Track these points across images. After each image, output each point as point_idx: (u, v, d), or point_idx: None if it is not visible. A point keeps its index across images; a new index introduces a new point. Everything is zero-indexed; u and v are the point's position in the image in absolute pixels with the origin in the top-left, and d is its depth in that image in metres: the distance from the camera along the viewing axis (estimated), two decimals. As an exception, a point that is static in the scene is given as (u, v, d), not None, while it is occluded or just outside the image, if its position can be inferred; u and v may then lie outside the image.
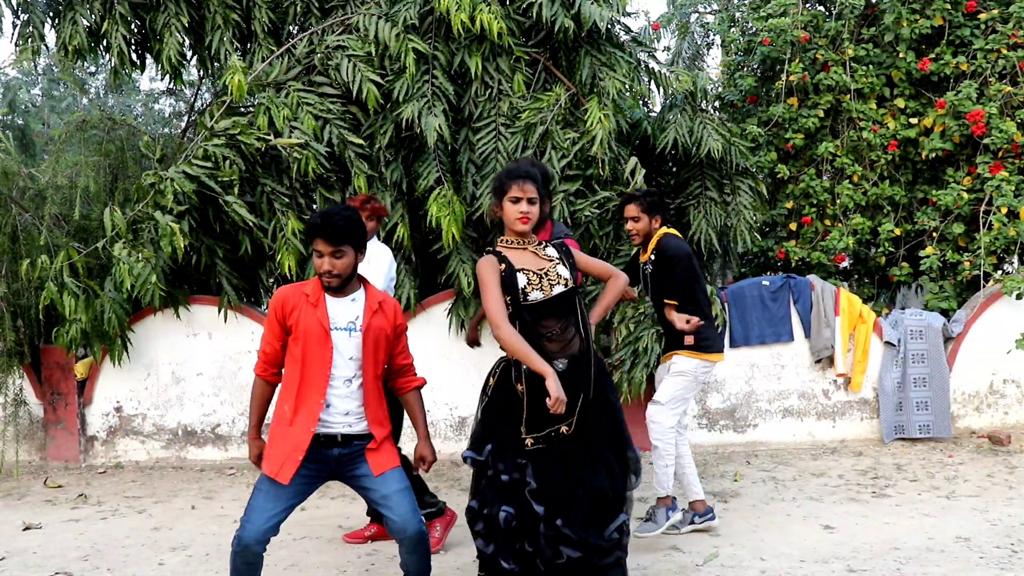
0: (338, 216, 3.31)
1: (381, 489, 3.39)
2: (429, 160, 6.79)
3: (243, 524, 3.26)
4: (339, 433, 3.36)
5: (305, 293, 3.38)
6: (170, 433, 7.01)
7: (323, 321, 3.32)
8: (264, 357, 3.44)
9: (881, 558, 4.35)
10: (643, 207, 4.71)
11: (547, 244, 3.55)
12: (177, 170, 6.30)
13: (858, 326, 7.12)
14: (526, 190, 3.40)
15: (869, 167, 8.41)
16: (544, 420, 3.33)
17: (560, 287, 3.40)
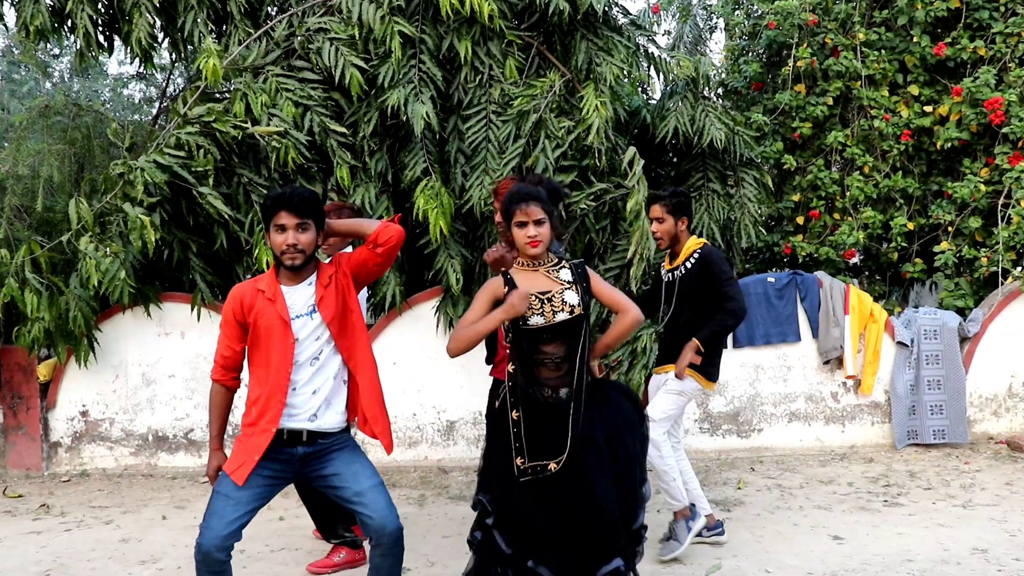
0: (299, 189, 3.38)
1: (353, 486, 3.38)
2: (416, 150, 6.76)
3: (202, 531, 3.25)
4: (304, 429, 3.36)
5: (260, 289, 3.39)
6: (140, 439, 6.98)
7: (283, 314, 3.34)
8: (223, 361, 3.44)
9: (893, 571, 4.34)
10: (669, 208, 4.72)
11: (563, 265, 3.54)
12: (148, 159, 6.25)
13: (869, 325, 7.12)
14: (530, 212, 3.43)
15: (881, 158, 8.41)
16: (536, 451, 3.37)
17: (564, 314, 3.41)
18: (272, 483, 3.38)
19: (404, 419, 7.00)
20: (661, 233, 4.76)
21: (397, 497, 6.02)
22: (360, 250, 3.51)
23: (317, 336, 3.38)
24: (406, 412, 7.01)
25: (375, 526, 3.36)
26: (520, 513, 3.35)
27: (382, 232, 3.46)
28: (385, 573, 3.50)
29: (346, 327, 3.44)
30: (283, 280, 3.42)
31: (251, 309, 3.36)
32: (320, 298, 3.39)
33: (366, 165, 6.79)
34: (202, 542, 3.22)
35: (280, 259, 3.35)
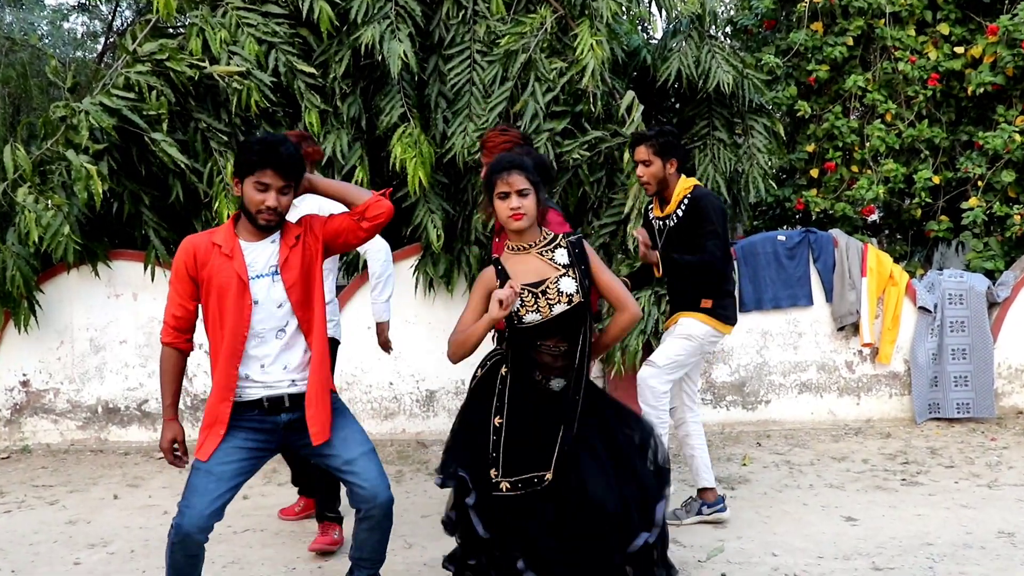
0: (289, 145, 3.29)
1: (343, 454, 3.39)
2: (392, 93, 6.71)
3: (182, 510, 3.24)
4: (285, 394, 3.35)
5: (216, 243, 3.34)
6: (88, 411, 6.96)
7: (241, 272, 3.29)
8: (174, 322, 3.39)
9: (911, 555, 4.39)
10: (655, 149, 4.63)
11: (559, 243, 3.50)
12: (93, 102, 6.18)
13: (888, 289, 7.14)
14: (512, 182, 3.38)
15: (905, 104, 8.39)
16: (521, 464, 3.36)
17: (561, 306, 3.39)
18: (256, 455, 3.38)
19: (380, 389, 7.01)
20: (648, 177, 4.69)
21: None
22: (341, 218, 3.45)
23: (280, 303, 3.34)
24: (382, 381, 7.02)
25: (366, 495, 3.37)
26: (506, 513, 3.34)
27: (372, 206, 3.40)
28: (370, 550, 3.53)
29: (308, 297, 3.39)
30: (242, 235, 3.37)
31: (205, 264, 3.31)
32: (284, 259, 3.35)
33: (337, 110, 6.74)
34: (182, 523, 3.21)
35: (253, 216, 3.29)
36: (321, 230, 3.44)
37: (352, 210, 3.43)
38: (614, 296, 3.55)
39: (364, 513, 3.43)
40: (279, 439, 3.41)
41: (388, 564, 3.71)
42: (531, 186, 3.41)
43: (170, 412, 3.42)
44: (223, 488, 3.27)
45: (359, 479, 3.37)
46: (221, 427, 3.29)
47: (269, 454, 3.46)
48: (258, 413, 3.34)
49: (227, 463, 3.28)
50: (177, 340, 3.41)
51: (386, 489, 3.40)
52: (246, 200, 3.28)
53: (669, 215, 4.72)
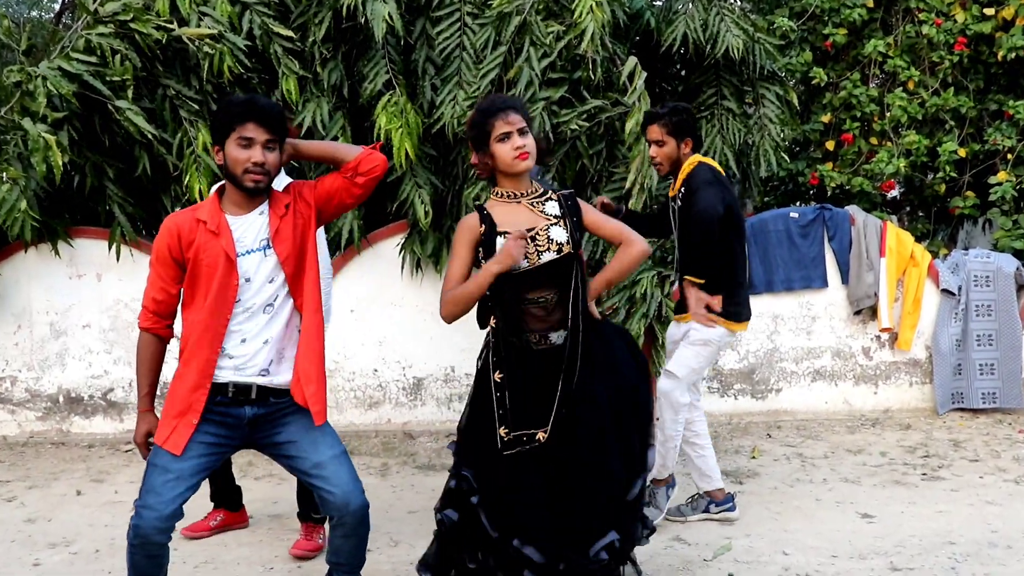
0: (270, 100, 3.30)
1: (312, 456, 3.37)
2: (376, 58, 6.68)
3: (138, 511, 3.23)
4: (254, 384, 3.33)
5: (200, 220, 3.31)
6: (48, 400, 6.95)
7: (228, 250, 3.27)
8: (155, 307, 3.36)
9: (932, 554, 4.41)
10: (668, 128, 4.64)
11: (549, 196, 3.53)
12: (51, 66, 6.13)
13: (909, 270, 7.15)
14: (512, 121, 3.40)
15: (929, 71, 8.38)
16: (520, 419, 3.39)
17: (551, 254, 3.41)
18: (217, 451, 3.36)
19: (363, 376, 7.00)
20: (661, 158, 4.70)
21: (356, 466, 5.99)
22: (332, 178, 3.42)
23: (271, 278, 3.32)
24: (366, 368, 7.01)
25: (336, 503, 3.35)
26: (504, 490, 3.37)
27: (365, 160, 3.38)
28: (347, 556, 3.52)
29: (302, 268, 3.38)
30: (228, 208, 3.34)
31: (191, 244, 3.28)
32: (275, 231, 3.32)
33: (317, 76, 6.71)
34: (139, 524, 3.20)
35: (239, 179, 3.26)
36: (312, 194, 3.42)
37: (343, 168, 3.40)
38: (615, 233, 3.59)
39: (337, 520, 3.42)
40: (243, 435, 3.39)
41: (373, 563, 3.73)
42: (527, 124, 3.45)
43: (146, 403, 3.40)
44: (183, 487, 3.26)
45: (329, 484, 3.35)
46: (194, 416, 3.26)
47: (231, 450, 3.46)
48: (221, 402, 3.31)
49: (187, 459, 3.26)
50: (157, 326, 3.38)
51: (359, 494, 3.38)
52: (230, 163, 3.25)
53: (675, 196, 4.73)
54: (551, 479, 3.38)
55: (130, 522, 3.24)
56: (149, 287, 3.37)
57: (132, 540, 3.23)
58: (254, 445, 3.45)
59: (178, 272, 3.32)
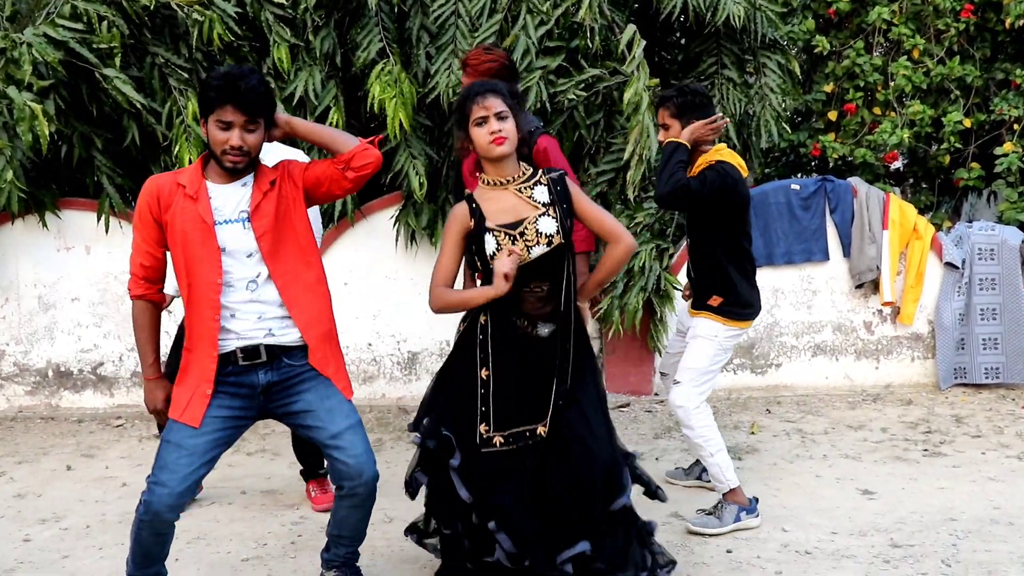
0: (253, 78, 3.24)
1: (329, 427, 3.39)
2: (370, 26, 6.64)
3: (151, 487, 3.24)
4: (261, 344, 3.33)
5: (180, 184, 3.32)
6: (37, 374, 6.96)
7: (205, 216, 3.27)
8: (142, 272, 3.37)
9: (933, 531, 4.43)
10: (673, 110, 4.48)
11: (538, 179, 3.50)
12: (36, 32, 6.10)
13: (912, 243, 7.14)
14: (490, 106, 3.40)
15: (934, 39, 8.33)
16: (512, 417, 3.41)
17: (541, 247, 3.40)
18: (234, 424, 3.38)
19: (358, 350, 7.01)
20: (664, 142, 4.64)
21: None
22: (325, 165, 3.43)
23: (249, 252, 3.32)
24: (360, 342, 7.02)
25: (351, 472, 3.38)
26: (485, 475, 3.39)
27: (359, 155, 3.38)
28: (351, 527, 3.57)
29: (282, 247, 3.36)
30: (211, 176, 3.35)
31: (168, 207, 3.29)
32: (256, 205, 3.32)
33: (309, 44, 6.67)
34: (152, 500, 3.22)
35: (219, 159, 3.27)
36: (301, 177, 3.43)
37: (336, 158, 3.40)
38: (604, 229, 3.60)
39: (348, 490, 3.44)
40: (258, 405, 3.40)
41: (368, 539, 3.74)
42: (509, 109, 3.42)
43: (154, 370, 3.43)
44: (197, 463, 3.27)
45: (345, 455, 3.37)
46: (208, 386, 3.28)
47: (248, 422, 3.46)
48: (233, 371, 3.32)
49: (203, 435, 3.28)
50: (148, 291, 3.39)
51: (373, 465, 3.42)
52: (211, 142, 3.26)
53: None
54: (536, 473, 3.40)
55: (141, 497, 3.26)
56: (134, 252, 3.38)
57: (142, 515, 3.26)
58: (270, 415, 3.48)
59: (160, 234, 3.33)
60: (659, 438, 6.05)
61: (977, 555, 4.14)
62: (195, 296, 3.30)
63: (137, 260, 3.36)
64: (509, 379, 3.43)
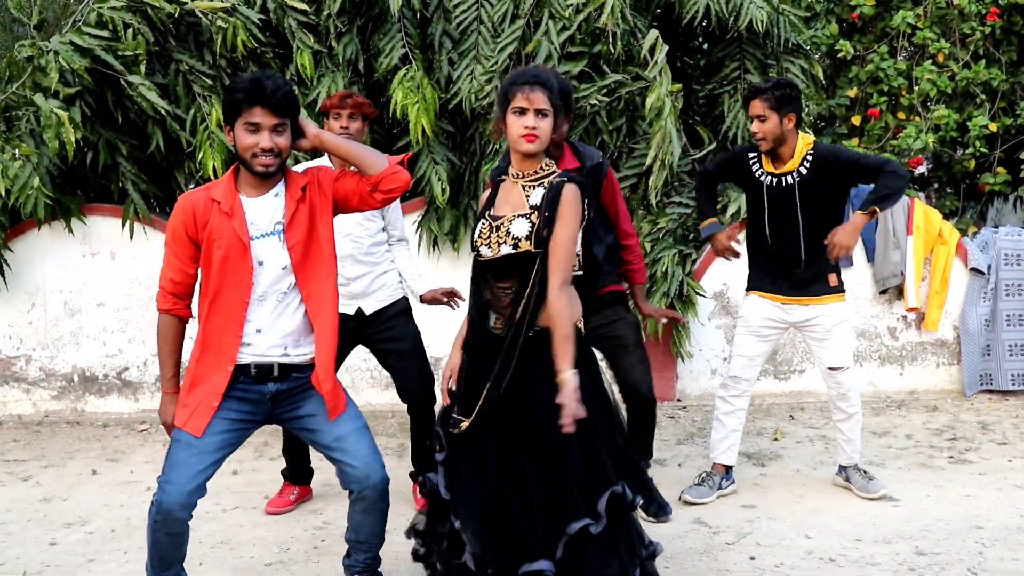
0: (278, 79, 3.26)
1: (333, 430, 3.42)
2: (392, 32, 6.68)
3: (162, 486, 3.27)
4: (275, 362, 3.37)
5: (215, 199, 3.32)
6: (63, 379, 7.01)
7: (241, 233, 3.28)
8: (172, 287, 3.39)
9: (959, 538, 4.40)
10: (771, 103, 4.65)
11: (541, 183, 3.41)
12: (63, 40, 6.16)
13: (936, 248, 7.11)
14: (533, 99, 3.31)
15: (960, 43, 8.29)
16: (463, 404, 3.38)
17: (507, 247, 3.31)
18: (241, 427, 3.41)
19: (379, 357, 7.02)
20: (764, 133, 4.70)
21: (371, 449, 6.08)
22: (355, 182, 3.41)
23: (285, 265, 3.34)
24: (381, 349, 7.03)
25: (357, 475, 3.41)
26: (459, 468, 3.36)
27: (387, 178, 3.38)
28: (367, 532, 3.59)
29: (310, 257, 3.38)
30: (243, 189, 3.36)
31: (205, 225, 3.30)
32: (291, 216, 3.34)
33: (332, 50, 6.71)
34: (162, 500, 3.25)
35: (249, 163, 3.27)
36: (331, 188, 3.43)
37: (365, 179, 3.39)
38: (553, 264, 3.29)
39: (357, 495, 3.47)
40: (265, 411, 3.43)
41: (390, 544, 3.76)
42: (551, 108, 3.35)
43: (172, 384, 3.45)
44: (206, 462, 3.30)
45: (350, 457, 3.40)
46: (216, 399, 3.30)
47: (255, 426, 3.49)
48: (244, 381, 3.35)
49: (212, 435, 3.30)
50: (176, 307, 3.41)
51: (380, 469, 3.44)
52: (240, 147, 3.26)
53: (788, 172, 4.73)
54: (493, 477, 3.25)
55: (153, 498, 3.29)
56: (166, 267, 3.39)
57: (155, 516, 3.28)
58: (275, 420, 3.50)
59: (194, 251, 3.34)
60: (682, 444, 6.04)
61: (1004, 563, 4.12)
62: (219, 310, 3.32)
63: (168, 275, 3.38)
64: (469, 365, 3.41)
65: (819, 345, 4.88)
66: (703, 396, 7.06)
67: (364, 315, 4.68)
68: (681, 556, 4.23)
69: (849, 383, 4.89)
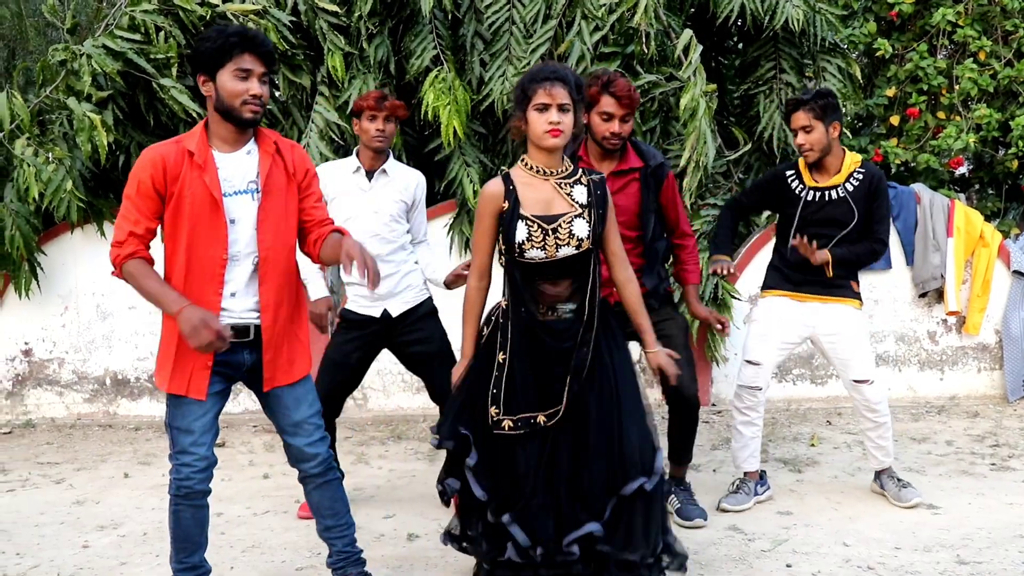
0: (260, 32, 3.34)
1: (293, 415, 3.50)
2: (424, 33, 6.70)
3: (177, 467, 3.36)
4: (252, 324, 3.37)
5: (188, 150, 3.27)
6: (95, 382, 7.08)
7: (213, 188, 3.24)
8: (132, 240, 3.22)
9: (1001, 547, 4.36)
10: (817, 112, 4.64)
11: (579, 178, 3.52)
12: (95, 44, 6.22)
13: (978, 250, 7.05)
14: (555, 95, 3.38)
15: (1002, 41, 8.22)
16: (521, 402, 3.44)
17: (569, 249, 3.42)
18: (223, 401, 3.47)
19: (410, 361, 7.03)
20: (811, 144, 4.68)
21: (403, 451, 6.11)
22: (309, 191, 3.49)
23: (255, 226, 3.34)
24: (412, 352, 7.04)
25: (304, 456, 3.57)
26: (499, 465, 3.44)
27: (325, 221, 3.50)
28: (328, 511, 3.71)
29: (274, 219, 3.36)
30: (214, 144, 3.33)
31: (176, 178, 3.22)
32: (267, 174, 3.33)
33: (363, 52, 6.73)
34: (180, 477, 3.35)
35: (237, 111, 3.24)
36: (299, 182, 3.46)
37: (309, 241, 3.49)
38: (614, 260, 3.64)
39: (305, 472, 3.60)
40: (239, 377, 3.49)
41: (420, 549, 3.79)
42: (572, 103, 3.42)
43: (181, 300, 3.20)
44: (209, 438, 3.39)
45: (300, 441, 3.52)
46: (210, 359, 3.31)
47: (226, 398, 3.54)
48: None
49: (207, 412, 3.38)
50: (139, 249, 3.25)
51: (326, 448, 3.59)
52: (225, 94, 3.23)
53: (834, 186, 4.70)
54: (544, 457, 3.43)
55: (170, 479, 3.37)
56: (123, 221, 3.25)
57: (175, 493, 3.37)
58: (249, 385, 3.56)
59: (159, 206, 3.25)
60: (716, 449, 6.01)
61: (1047, 572, 4.08)
62: (195, 272, 3.27)
63: (126, 228, 3.23)
64: (523, 365, 3.45)
65: (844, 357, 4.82)
66: (738, 401, 7.04)
67: (391, 317, 4.68)
68: (716, 563, 4.21)
69: (876, 395, 4.84)
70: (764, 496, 4.97)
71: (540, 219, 3.42)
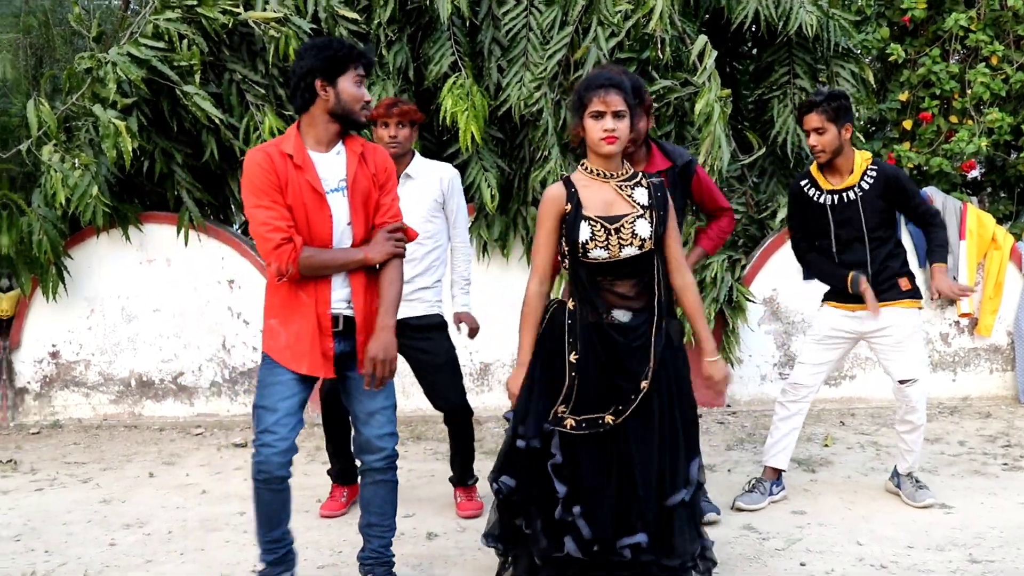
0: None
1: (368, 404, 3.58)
2: (442, 40, 6.72)
3: (259, 449, 3.46)
4: (340, 315, 3.51)
5: (286, 153, 3.42)
6: (121, 384, 7.13)
7: (315, 184, 3.40)
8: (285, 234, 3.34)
9: (1014, 547, 4.35)
10: (829, 115, 4.65)
11: (639, 181, 3.56)
12: (121, 52, 6.26)
13: (990, 253, 7.04)
14: (610, 102, 3.42)
15: (1014, 45, 8.20)
16: (590, 402, 3.47)
17: (632, 249, 3.46)
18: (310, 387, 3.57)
19: (428, 362, 7.06)
20: (823, 145, 4.68)
21: (423, 451, 6.15)
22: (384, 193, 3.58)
23: (348, 220, 3.49)
24: (431, 354, 7.07)
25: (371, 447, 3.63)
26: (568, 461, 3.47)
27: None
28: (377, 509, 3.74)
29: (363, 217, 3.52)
30: (309, 144, 3.48)
31: (283, 176, 3.40)
32: (354, 174, 3.48)
33: (383, 59, 6.76)
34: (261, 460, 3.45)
35: (356, 114, 3.46)
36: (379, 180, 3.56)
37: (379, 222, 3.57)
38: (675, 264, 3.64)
39: (368, 465, 3.65)
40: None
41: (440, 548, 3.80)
42: (627, 108, 3.46)
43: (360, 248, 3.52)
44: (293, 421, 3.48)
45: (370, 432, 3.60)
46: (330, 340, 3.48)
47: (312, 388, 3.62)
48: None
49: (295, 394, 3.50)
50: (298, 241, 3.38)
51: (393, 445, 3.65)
52: (347, 98, 3.42)
53: (849, 187, 4.72)
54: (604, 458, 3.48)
55: (252, 461, 3.48)
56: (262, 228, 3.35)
57: (256, 477, 3.47)
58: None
59: (284, 198, 3.39)
60: (731, 450, 6.02)
61: (1059, 572, 4.08)
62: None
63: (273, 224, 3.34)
64: (590, 366, 3.48)
65: (889, 357, 4.80)
66: (752, 402, 7.04)
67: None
68: (731, 562, 4.22)
69: (918, 396, 4.79)
70: (779, 496, 4.98)
71: (603, 219, 3.46)
